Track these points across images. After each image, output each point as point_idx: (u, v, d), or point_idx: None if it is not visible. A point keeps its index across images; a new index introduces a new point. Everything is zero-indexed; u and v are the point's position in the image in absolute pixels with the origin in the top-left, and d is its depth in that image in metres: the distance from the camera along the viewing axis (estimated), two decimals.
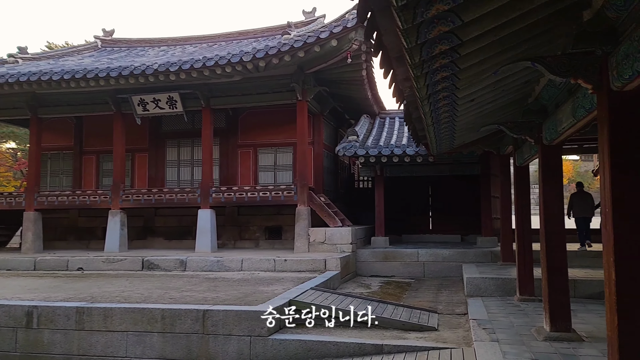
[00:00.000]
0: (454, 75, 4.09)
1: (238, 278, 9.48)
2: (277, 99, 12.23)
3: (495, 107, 6.22)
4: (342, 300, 7.42)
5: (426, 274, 11.62)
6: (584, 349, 5.14)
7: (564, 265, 5.70)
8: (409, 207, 14.90)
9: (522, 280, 7.85)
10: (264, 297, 7.24)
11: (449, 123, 6.04)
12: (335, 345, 5.89)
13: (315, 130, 13.64)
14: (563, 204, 5.87)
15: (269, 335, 6.06)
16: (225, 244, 13.53)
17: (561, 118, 5.01)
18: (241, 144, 13.88)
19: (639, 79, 3.13)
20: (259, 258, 10.57)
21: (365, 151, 11.91)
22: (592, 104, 4.00)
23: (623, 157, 3.39)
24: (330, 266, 10.21)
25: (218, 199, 12.29)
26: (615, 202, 3.36)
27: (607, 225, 3.44)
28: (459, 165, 13.23)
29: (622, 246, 3.33)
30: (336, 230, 11.61)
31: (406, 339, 6.07)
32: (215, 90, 12.44)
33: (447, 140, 7.62)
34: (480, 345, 5.40)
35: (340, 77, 12.17)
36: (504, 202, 10.68)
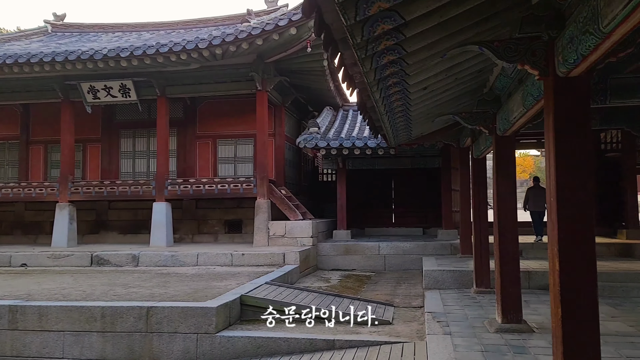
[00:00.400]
0: (401, 59, 3.93)
1: (192, 273, 9.14)
2: (236, 88, 11.87)
3: (450, 97, 6.12)
4: (297, 295, 7.22)
5: (387, 267, 11.57)
6: (534, 340, 5.11)
7: (516, 257, 5.67)
8: (372, 200, 14.84)
9: (478, 272, 7.85)
10: (215, 292, 6.95)
11: (403, 112, 5.90)
12: (286, 342, 5.69)
13: (276, 122, 13.34)
14: (516, 196, 5.82)
15: (216, 333, 5.79)
16: (182, 238, 13.10)
17: (512, 107, 4.93)
18: (200, 135, 13.43)
19: (583, 64, 3.04)
20: (215, 252, 10.24)
21: (327, 143, 11.72)
22: (539, 92, 3.91)
23: (568, 145, 3.29)
24: (289, 260, 9.99)
25: (174, 191, 11.85)
26: (560, 191, 3.26)
27: (551, 214, 3.35)
28: (421, 158, 13.25)
29: (566, 235, 3.25)
30: (297, 223, 11.39)
31: (359, 333, 5.93)
32: (171, 79, 11.95)
33: (404, 131, 7.50)
34: (433, 338, 5.31)
35: (302, 68, 11.91)
36: (463, 195, 10.71)
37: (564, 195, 3.25)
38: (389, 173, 14.55)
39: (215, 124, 13.35)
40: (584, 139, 3.30)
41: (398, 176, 14.72)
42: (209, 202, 13.07)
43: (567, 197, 3.25)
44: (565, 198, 3.25)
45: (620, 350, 4.58)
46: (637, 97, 5.47)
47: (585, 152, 3.31)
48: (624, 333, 5.18)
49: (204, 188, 11.77)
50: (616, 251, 10.02)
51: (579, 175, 3.26)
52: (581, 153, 3.29)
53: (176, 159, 13.41)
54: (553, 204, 3.31)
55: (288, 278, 9.08)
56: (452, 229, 12.67)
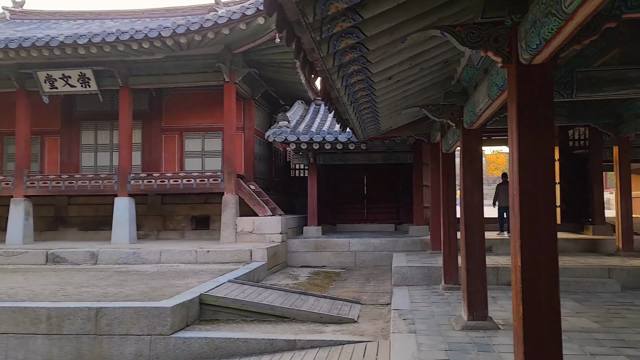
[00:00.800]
0: (361, 44, 3.70)
1: (153, 271, 8.77)
2: (204, 79, 11.47)
3: (418, 89, 5.94)
4: (261, 293, 6.97)
5: (357, 264, 11.42)
6: (499, 337, 4.99)
7: (482, 252, 5.53)
8: (344, 196, 14.68)
9: (447, 268, 7.75)
10: (173, 291, 6.63)
11: (369, 104, 5.69)
12: (245, 342, 5.43)
13: (245, 115, 12.99)
14: (482, 191, 5.70)
15: (171, 334, 5.49)
16: (147, 234, 12.65)
17: (478, 99, 4.78)
18: (166, 128, 12.97)
19: (546, 50, 2.88)
20: (179, 249, 9.87)
21: (297, 137, 11.46)
22: (504, 81, 3.76)
23: (531, 135, 3.13)
24: (256, 257, 9.71)
25: (137, 186, 11.39)
26: (523, 184, 3.10)
27: (514, 209, 3.19)
28: (393, 154, 13.13)
29: (529, 231, 3.09)
30: (265, 219, 11.11)
31: (322, 332, 5.72)
32: (134, 69, 11.47)
33: (372, 125, 7.31)
34: (397, 337, 5.13)
35: (272, 59, 11.60)
36: (434, 191, 10.62)
37: (527, 189, 3.09)
38: (361, 168, 14.40)
39: (182, 117, 12.91)
40: (548, 129, 3.15)
41: (370, 172, 14.59)
42: (175, 198, 12.65)
43: (530, 190, 3.09)
44: (528, 191, 3.09)
45: (584, 347, 4.50)
46: (602, 91, 5.38)
47: (549, 143, 3.15)
48: (588, 329, 5.12)
49: (168, 183, 11.36)
50: (582, 247, 10.11)
51: (542, 167, 3.10)
52: (545, 143, 3.13)
53: (141, 153, 12.92)
54: (516, 198, 3.15)
55: (254, 276, 8.81)
56: (423, 224, 12.59)
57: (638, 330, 5.02)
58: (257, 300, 6.46)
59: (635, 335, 4.86)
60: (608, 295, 6.92)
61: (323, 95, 5.28)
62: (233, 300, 6.24)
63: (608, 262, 8.25)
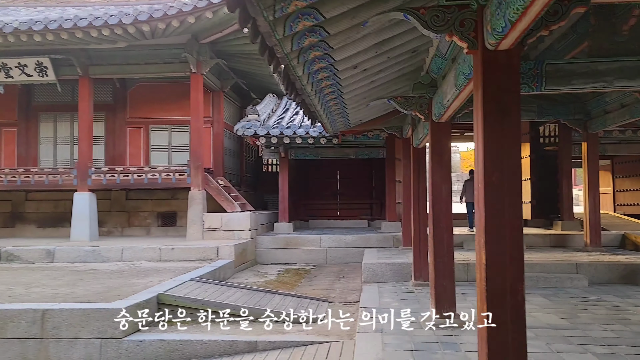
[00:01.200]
0: (320, 27, 3.47)
1: (113, 269, 8.36)
2: (169, 70, 11.04)
3: (386, 80, 5.74)
4: (224, 292, 6.68)
5: (329, 261, 11.22)
6: (466, 335, 4.85)
7: (451, 248, 5.38)
8: (317, 191, 14.47)
9: (417, 264, 7.62)
10: (130, 291, 6.28)
11: (335, 94, 5.46)
12: (203, 345, 5.15)
13: (214, 108, 12.60)
14: (451, 185, 5.55)
15: (124, 337, 5.15)
16: (111, 231, 12.16)
17: (446, 90, 4.61)
18: (130, 121, 12.47)
19: (512, 34, 2.70)
20: (142, 247, 9.47)
21: (267, 131, 11.15)
22: (470, 69, 3.58)
23: (497, 125, 2.96)
24: (223, 254, 9.40)
25: (98, 181, 10.90)
26: (488, 176, 2.92)
27: (479, 202, 3.01)
28: (365, 149, 12.96)
29: (495, 226, 2.91)
30: (234, 215, 10.78)
31: (285, 333, 5.48)
32: (95, 57, 10.96)
33: (341, 118, 7.09)
34: (362, 337, 4.94)
35: (241, 50, 11.25)
36: (405, 186, 10.51)
37: (493, 180, 2.91)
38: (334, 164, 14.22)
39: (148, 109, 12.43)
40: (514, 118, 2.97)
41: (343, 167, 14.41)
42: (140, 193, 12.19)
43: (496, 183, 2.91)
44: (494, 183, 2.91)
45: (551, 344, 4.39)
46: (571, 84, 5.28)
47: (516, 133, 2.98)
48: (555, 326, 5.03)
49: (132, 177, 10.90)
50: (551, 242, 10.16)
51: (509, 158, 2.93)
52: (511, 133, 2.96)
53: (104, 146, 12.40)
54: (480, 191, 2.97)
55: (220, 274, 8.50)
56: (395, 220, 12.49)
57: (605, 327, 4.95)
58: (219, 300, 6.18)
59: (602, 331, 4.79)
60: (576, 291, 6.90)
61: (286, 85, 5.01)
62: (192, 300, 5.94)
63: (576, 257, 8.27)
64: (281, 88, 14.34)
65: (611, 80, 5.20)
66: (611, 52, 5.25)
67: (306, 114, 6.74)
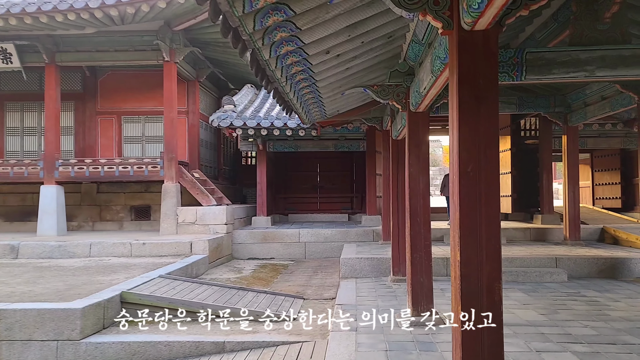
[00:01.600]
0: (285, 5, 3.19)
1: (79, 266, 7.98)
2: (141, 58, 10.60)
3: (362, 68, 5.48)
4: (194, 290, 6.38)
5: (307, 255, 10.98)
6: (443, 334, 4.65)
7: (428, 243, 5.17)
8: (297, 185, 14.21)
9: (395, 259, 7.43)
10: (92, 289, 5.95)
11: (307, 82, 5.19)
12: (168, 346, 4.86)
13: (190, 98, 12.20)
14: (429, 178, 5.34)
15: (82, 339, 4.84)
16: (81, 226, 11.71)
17: (423, 77, 4.38)
18: (102, 111, 11.99)
19: (489, 11, 2.46)
20: (112, 242, 9.09)
21: (243, 122, 10.80)
22: (446, 53, 3.34)
23: (473, 112, 2.72)
24: (196, 249, 9.08)
25: (66, 173, 10.44)
26: (463, 167, 2.69)
27: (454, 194, 2.78)
28: (345, 141, 12.72)
29: (470, 220, 2.69)
30: (209, 209, 10.45)
31: (256, 333, 5.22)
32: (62, 44, 10.45)
33: (316, 108, 6.82)
34: (336, 336, 4.71)
35: (216, 38, 10.85)
36: (385, 180, 10.32)
37: (469, 171, 2.68)
38: (314, 157, 13.96)
39: (121, 99, 11.97)
40: (491, 104, 2.74)
41: (323, 160, 14.17)
42: (112, 186, 11.75)
43: (472, 174, 2.68)
44: (469, 175, 2.68)
45: (530, 342, 4.22)
46: (552, 74, 5.09)
47: (493, 120, 2.75)
48: (534, 322, 4.88)
49: (102, 170, 10.47)
50: (531, 236, 10.08)
51: (486, 147, 2.70)
52: (488, 120, 2.73)
53: (74, 137, 11.91)
54: (455, 182, 2.74)
55: (193, 270, 8.19)
56: (375, 214, 12.30)
57: (584, 323, 4.81)
58: (188, 298, 5.88)
59: (582, 328, 4.65)
60: (555, 285, 6.79)
61: (256, 71, 4.71)
62: (159, 298, 5.64)
63: (555, 251, 8.18)
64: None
65: (592, 69, 5.03)
66: (593, 41, 5.07)
67: (280, 104, 6.44)
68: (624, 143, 11.99)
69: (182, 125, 11.84)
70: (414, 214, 5.16)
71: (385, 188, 10.28)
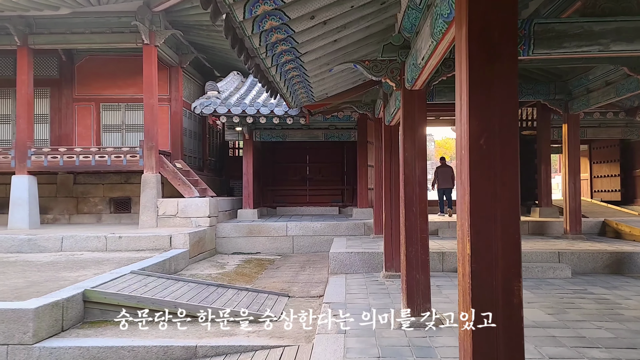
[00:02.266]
0: None
1: (47, 261, 7.40)
2: (119, 40, 9.96)
3: (352, 40, 4.94)
4: (168, 287, 5.84)
5: (295, 250, 10.46)
6: (442, 337, 4.16)
7: (425, 236, 4.65)
8: (285, 176, 13.66)
9: (388, 254, 6.94)
10: (55, 287, 5.38)
11: (291, 54, 4.63)
12: (132, 352, 4.32)
13: (172, 85, 11.58)
14: (426, 164, 4.82)
15: (35, 343, 4.28)
16: (57, 218, 11.09)
17: (421, 46, 3.85)
18: (79, 98, 11.33)
19: None
20: (85, 235, 8.50)
21: (227, 109, 10.21)
22: (450, 8, 2.82)
23: (485, 73, 2.20)
24: (176, 243, 8.52)
25: (39, 162, 9.81)
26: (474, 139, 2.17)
27: (462, 175, 2.26)
28: (335, 131, 12.19)
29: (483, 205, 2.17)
30: (191, 201, 9.87)
31: (233, 335, 4.69)
32: (36, 26, 9.81)
33: (303, 88, 6.27)
34: (322, 340, 4.20)
35: (199, 21, 10.23)
36: (377, 170, 9.82)
37: (481, 145, 2.16)
38: (303, 147, 13.42)
39: (99, 85, 11.33)
40: (508, 62, 2.22)
41: (313, 151, 13.63)
42: (90, 177, 11.13)
43: (484, 147, 2.16)
44: (481, 149, 2.16)
45: (541, 347, 3.73)
46: (562, 47, 4.58)
47: (511, 82, 2.23)
48: (543, 323, 4.40)
49: (77, 159, 9.86)
50: (529, 229, 9.65)
51: (501, 115, 2.19)
52: (504, 82, 2.21)
53: (49, 126, 11.26)
54: (464, 159, 2.21)
55: (171, 265, 7.64)
56: (367, 207, 11.80)
57: (597, 324, 4.34)
58: (160, 296, 5.33)
59: (596, 330, 4.17)
60: (559, 282, 6.33)
61: (232, 41, 4.15)
62: (126, 296, 5.08)
63: (557, 245, 7.73)
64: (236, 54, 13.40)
65: (607, 43, 4.53)
66: (607, 12, 4.57)
67: (264, 84, 5.89)
68: (625, 133, 11.58)
69: (164, 113, 11.24)
70: (409, 204, 4.65)
71: (377, 179, 9.80)
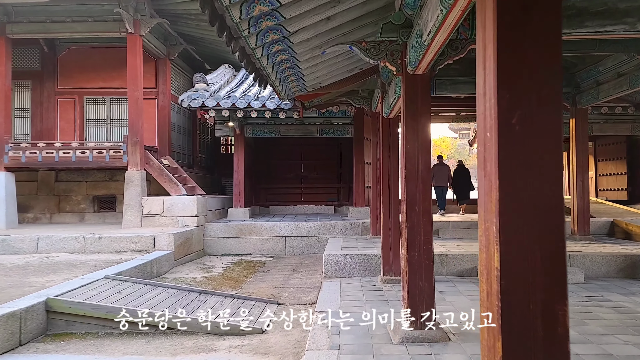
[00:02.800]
0: None
1: (18, 263, 6.85)
2: (102, 30, 9.40)
3: (348, 19, 4.43)
4: (145, 294, 5.31)
5: (288, 251, 9.93)
6: (449, 354, 3.67)
7: (429, 239, 4.14)
8: (279, 174, 13.13)
9: (386, 257, 6.44)
10: (16, 294, 4.84)
11: (278, 33, 4.10)
12: None
13: (159, 77, 11.03)
14: (430, 159, 4.32)
15: None
16: (38, 217, 10.52)
17: (427, 19, 3.33)
18: (61, 91, 10.77)
19: None
20: (62, 236, 7.94)
21: (216, 102, 9.67)
22: None
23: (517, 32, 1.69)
24: (160, 244, 7.98)
25: (17, 158, 9.25)
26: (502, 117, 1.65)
27: (485, 164, 1.74)
28: (331, 126, 11.67)
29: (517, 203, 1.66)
30: (178, 199, 9.33)
31: (212, 350, 4.16)
32: (14, 14, 9.25)
33: (294, 77, 5.74)
34: (312, 356, 3.70)
35: (187, 10, 9.69)
36: (374, 167, 9.29)
37: (512, 122, 1.65)
38: (297, 143, 12.90)
39: (83, 78, 10.76)
40: (549, 14, 1.71)
41: (308, 147, 13.10)
42: (72, 174, 10.57)
43: (517, 124, 1.65)
44: (513, 126, 1.65)
45: None
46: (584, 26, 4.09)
47: (552, 40, 1.72)
48: None
49: (57, 155, 9.29)
50: None
51: (540, 85, 1.67)
52: (543, 41, 1.70)
53: (30, 120, 10.69)
54: (490, 144, 1.69)
55: (153, 268, 7.10)
56: (363, 206, 11.30)
57: (623, 338, 3.84)
58: (134, 305, 4.80)
59: (623, 346, 3.67)
60: (572, 287, 5.82)
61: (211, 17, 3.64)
62: (94, 306, 4.55)
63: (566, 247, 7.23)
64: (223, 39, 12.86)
65: (634, 22, 4.07)
66: None
67: (251, 71, 5.35)
68: (633, 129, 11.10)
69: (151, 107, 10.69)
70: (411, 203, 4.13)
71: (374, 176, 9.27)
